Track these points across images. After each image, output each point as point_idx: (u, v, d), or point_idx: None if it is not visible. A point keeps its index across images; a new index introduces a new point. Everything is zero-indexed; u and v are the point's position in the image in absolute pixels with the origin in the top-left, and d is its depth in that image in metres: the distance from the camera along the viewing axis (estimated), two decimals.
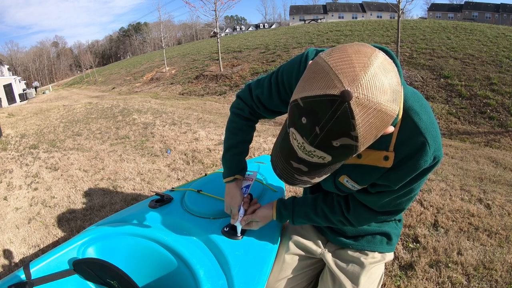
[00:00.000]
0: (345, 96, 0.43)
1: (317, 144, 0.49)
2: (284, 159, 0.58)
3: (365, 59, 0.45)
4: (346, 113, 0.44)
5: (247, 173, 1.06)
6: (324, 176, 0.61)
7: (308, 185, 0.61)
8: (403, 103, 0.65)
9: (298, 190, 2.32)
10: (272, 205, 1.00)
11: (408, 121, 0.65)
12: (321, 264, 1.06)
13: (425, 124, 0.64)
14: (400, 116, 0.65)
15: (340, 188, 0.83)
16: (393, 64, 0.50)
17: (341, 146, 0.48)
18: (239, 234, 0.99)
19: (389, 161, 0.67)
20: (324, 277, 0.98)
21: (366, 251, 0.96)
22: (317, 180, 0.60)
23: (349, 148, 0.48)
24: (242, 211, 0.98)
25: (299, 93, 0.49)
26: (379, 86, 0.45)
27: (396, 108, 0.48)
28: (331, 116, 0.45)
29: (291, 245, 1.04)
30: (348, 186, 0.79)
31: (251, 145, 3.71)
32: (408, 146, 0.65)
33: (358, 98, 0.43)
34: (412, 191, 0.75)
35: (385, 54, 0.49)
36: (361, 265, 0.92)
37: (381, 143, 0.66)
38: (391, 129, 0.54)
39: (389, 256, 1.00)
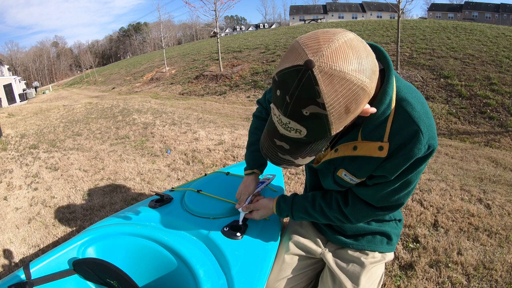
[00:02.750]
0: (307, 64, 0.47)
1: (290, 114, 0.52)
2: (269, 137, 0.63)
3: (331, 35, 0.50)
4: (310, 80, 0.47)
5: (267, 175, 1.22)
6: (308, 159, 0.62)
7: (293, 167, 0.63)
8: (396, 94, 0.67)
9: (298, 190, 2.32)
10: (273, 198, 1.03)
11: (401, 111, 0.66)
12: (321, 264, 1.06)
13: (418, 113, 0.65)
14: (393, 107, 0.66)
15: (339, 183, 0.83)
16: (368, 47, 0.53)
17: (311, 116, 0.50)
18: (240, 222, 1.04)
19: (384, 151, 0.68)
20: (324, 277, 0.98)
21: (366, 251, 0.97)
22: (300, 161, 0.62)
23: (320, 118, 0.50)
24: (249, 200, 1.06)
25: (276, 70, 0.54)
26: (342, 57, 0.48)
27: (368, 82, 0.50)
28: (297, 84, 0.48)
29: (291, 245, 1.04)
30: (346, 180, 0.79)
31: None
32: (402, 135, 0.66)
33: (321, 67, 0.47)
34: (409, 183, 0.74)
35: (357, 37, 0.52)
36: (362, 265, 0.92)
37: (376, 134, 0.68)
38: (372, 109, 0.56)
39: (389, 256, 1.00)
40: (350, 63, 0.48)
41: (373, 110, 0.57)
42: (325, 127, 0.52)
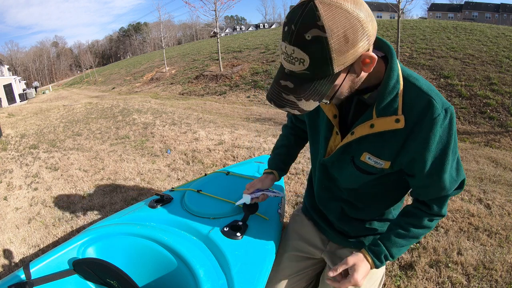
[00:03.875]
0: None
1: (294, 41, 0.57)
2: (275, 81, 0.66)
3: None
4: (312, 9, 0.54)
5: (279, 190, 1.22)
6: (312, 104, 0.63)
7: (296, 111, 0.64)
8: (402, 72, 0.72)
9: (298, 190, 2.32)
10: (357, 253, 0.85)
11: (409, 85, 0.71)
12: (321, 264, 1.06)
13: (426, 85, 0.71)
14: (401, 83, 0.71)
15: (364, 169, 0.80)
16: (365, 4, 0.58)
17: (313, 39, 0.55)
18: (236, 204, 1.04)
19: (401, 123, 0.69)
20: (325, 277, 0.98)
21: None
22: (304, 104, 0.63)
23: (321, 42, 0.55)
24: (259, 193, 1.03)
25: None
26: None
27: (364, 18, 0.56)
28: (301, 13, 0.55)
29: (292, 246, 1.04)
30: (371, 163, 0.78)
31: (250, 145, 3.70)
32: (416, 107, 0.69)
33: (322, 0, 0.54)
34: (455, 152, 0.73)
35: None
36: None
37: (390, 108, 0.70)
38: (372, 54, 0.61)
39: None
40: (347, 1, 0.55)
41: (374, 55, 0.61)
42: (326, 54, 0.56)
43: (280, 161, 1.11)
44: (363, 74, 0.67)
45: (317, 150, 0.93)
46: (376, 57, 0.62)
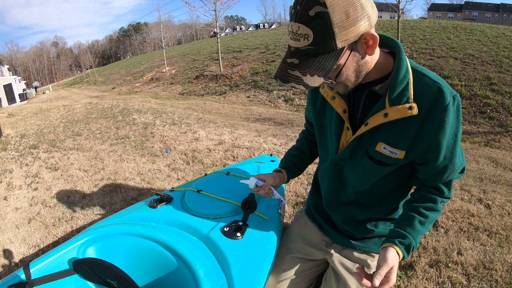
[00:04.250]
0: None
1: (299, 18, 0.61)
2: (282, 61, 0.69)
3: None
4: None
5: (282, 193, 1.21)
6: (317, 80, 0.64)
7: (301, 86, 0.65)
8: (410, 64, 0.75)
9: (298, 190, 2.32)
10: (387, 248, 0.79)
11: (418, 76, 0.74)
12: (323, 266, 1.06)
13: (433, 75, 0.74)
14: (411, 73, 0.74)
15: (379, 160, 0.80)
16: None
17: (316, 15, 0.59)
18: (242, 181, 1.02)
19: (414, 110, 0.71)
20: (328, 277, 0.98)
21: (372, 253, 0.96)
22: (309, 80, 0.64)
23: (323, 17, 0.58)
24: (262, 183, 1.01)
25: None
26: None
27: (365, 2, 0.61)
28: None
29: (294, 248, 1.04)
30: (386, 153, 0.78)
31: (250, 145, 3.70)
32: (427, 95, 0.72)
33: None
34: (459, 137, 0.76)
35: None
36: (368, 267, 0.92)
37: (402, 97, 0.72)
38: (374, 33, 0.64)
39: None
40: None
41: (376, 34, 0.64)
42: (328, 28, 0.59)
43: (291, 162, 1.12)
44: (368, 58, 0.69)
45: (327, 149, 0.93)
46: (377, 36, 0.65)
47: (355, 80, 0.71)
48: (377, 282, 0.71)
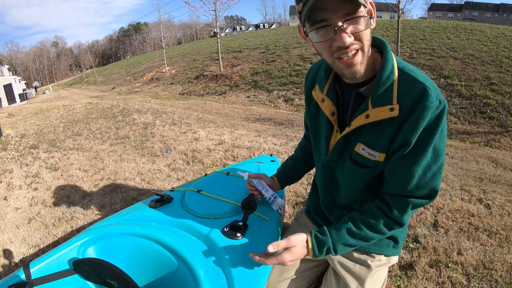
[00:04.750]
0: None
1: None
2: None
3: None
4: None
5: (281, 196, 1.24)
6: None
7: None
8: (398, 64, 0.74)
9: (298, 190, 2.32)
10: (303, 234, 0.83)
11: (405, 76, 0.72)
12: (323, 266, 1.06)
13: (421, 76, 0.72)
14: (396, 73, 0.72)
15: (358, 162, 0.79)
16: None
17: None
18: (238, 172, 1.09)
19: (395, 111, 0.70)
20: (328, 277, 0.98)
21: (372, 254, 0.96)
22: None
23: None
24: (256, 181, 1.13)
25: None
26: None
27: None
28: None
29: None
30: (365, 155, 0.77)
31: (250, 145, 3.69)
32: (410, 95, 0.70)
33: None
34: (438, 153, 0.71)
35: None
36: (368, 267, 0.92)
37: (385, 98, 0.71)
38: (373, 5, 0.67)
39: (394, 259, 0.99)
40: None
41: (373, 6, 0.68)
42: None
43: (283, 171, 1.18)
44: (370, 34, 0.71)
45: (320, 151, 0.94)
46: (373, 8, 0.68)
47: (366, 61, 0.70)
48: (271, 248, 0.76)
